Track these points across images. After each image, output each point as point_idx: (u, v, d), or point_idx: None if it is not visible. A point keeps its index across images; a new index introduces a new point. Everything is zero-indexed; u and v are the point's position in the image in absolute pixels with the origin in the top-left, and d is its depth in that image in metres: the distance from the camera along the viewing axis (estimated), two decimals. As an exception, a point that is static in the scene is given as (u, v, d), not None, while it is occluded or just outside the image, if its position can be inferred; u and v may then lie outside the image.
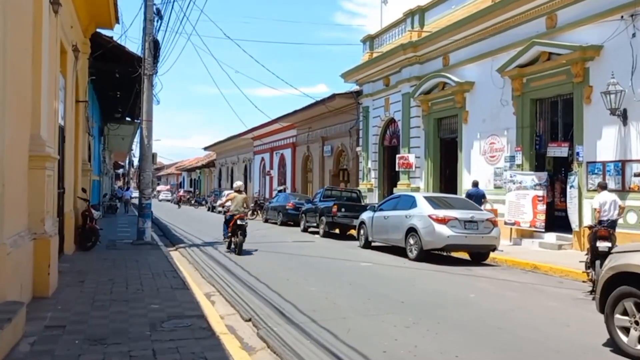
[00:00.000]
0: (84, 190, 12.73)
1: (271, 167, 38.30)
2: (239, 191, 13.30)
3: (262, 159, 40.61)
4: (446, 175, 19.33)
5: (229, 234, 12.88)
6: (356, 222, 16.43)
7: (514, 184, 14.79)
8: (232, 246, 12.68)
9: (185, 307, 6.61)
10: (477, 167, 16.86)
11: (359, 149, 24.28)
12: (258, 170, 41.66)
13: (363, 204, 18.67)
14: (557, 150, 13.98)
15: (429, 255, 11.66)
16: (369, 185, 23.09)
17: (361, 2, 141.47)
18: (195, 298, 7.24)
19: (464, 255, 12.41)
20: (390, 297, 7.78)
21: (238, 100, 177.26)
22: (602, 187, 10.61)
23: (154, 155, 14.56)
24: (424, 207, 11.71)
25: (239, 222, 12.40)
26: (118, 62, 15.23)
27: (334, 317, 6.51)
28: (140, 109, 14.76)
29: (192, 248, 14.39)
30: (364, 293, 8.06)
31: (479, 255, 11.89)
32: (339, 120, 26.83)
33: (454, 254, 12.63)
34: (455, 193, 19.05)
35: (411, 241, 11.72)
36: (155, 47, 14.19)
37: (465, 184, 17.28)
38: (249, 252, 12.91)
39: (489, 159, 16.29)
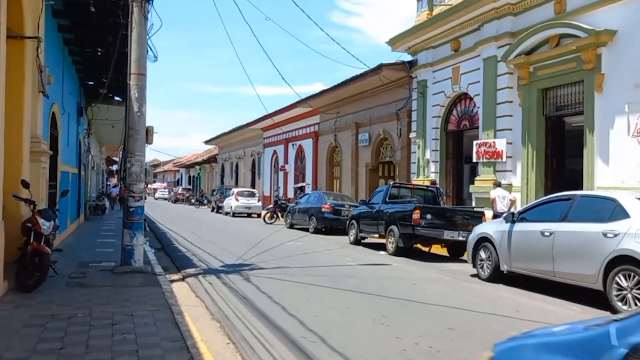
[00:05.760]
0: (25, 184, 7.34)
1: (286, 162, 32.87)
2: None
3: (275, 152, 35.17)
4: (553, 168, 14.00)
5: None
6: (448, 235, 11.16)
7: None
8: None
9: None
10: (620, 155, 11.54)
11: (412, 135, 18.92)
12: (269, 165, 36.22)
13: (452, 207, 13.36)
14: None
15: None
16: (427, 181, 17.74)
17: (357, 0, 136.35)
18: None
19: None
20: None
21: (238, 96, 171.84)
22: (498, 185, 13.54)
23: (148, 131, 9.13)
24: (651, 219, 6.35)
25: None
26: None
27: None
28: (129, 71, 9.21)
29: (209, 277, 9.06)
30: None
31: None
32: (380, 100, 21.46)
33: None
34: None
35: (623, 282, 6.35)
36: (152, -46, 8.82)
37: (599, 180, 11.97)
38: (304, 288, 7.61)
39: (647, 141, 10.98)
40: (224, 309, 6.79)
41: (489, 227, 8.82)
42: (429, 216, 11.31)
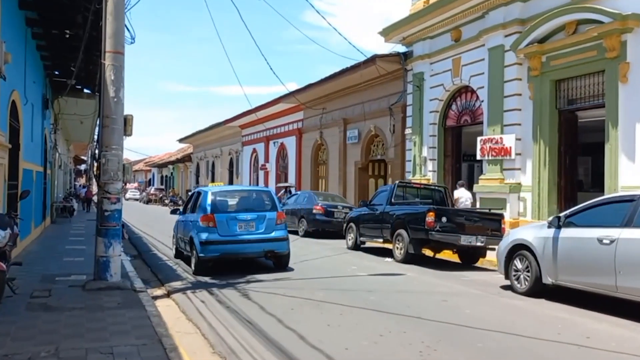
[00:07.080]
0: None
1: (267, 160, 31.46)
2: None
3: (254, 150, 33.70)
4: (566, 165, 13.01)
5: None
6: (465, 241, 10.05)
7: None
8: None
9: None
10: (648, 151, 10.59)
11: (408, 131, 17.79)
12: (248, 164, 34.73)
13: (469, 209, 12.23)
14: None
15: None
16: (424, 181, 16.63)
17: (331, 1, 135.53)
18: None
19: None
20: None
21: (212, 96, 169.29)
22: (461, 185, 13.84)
23: (126, 120, 7.70)
24: None
25: None
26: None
27: None
28: (103, 49, 7.74)
29: (200, 293, 7.71)
30: None
31: None
32: (371, 95, 20.28)
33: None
34: (580, 192, 13.07)
35: None
36: None
37: (623, 178, 11.00)
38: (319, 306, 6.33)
39: (682, 136, 10.02)
40: (226, 338, 5.47)
41: (527, 233, 7.65)
42: (444, 219, 10.11)
